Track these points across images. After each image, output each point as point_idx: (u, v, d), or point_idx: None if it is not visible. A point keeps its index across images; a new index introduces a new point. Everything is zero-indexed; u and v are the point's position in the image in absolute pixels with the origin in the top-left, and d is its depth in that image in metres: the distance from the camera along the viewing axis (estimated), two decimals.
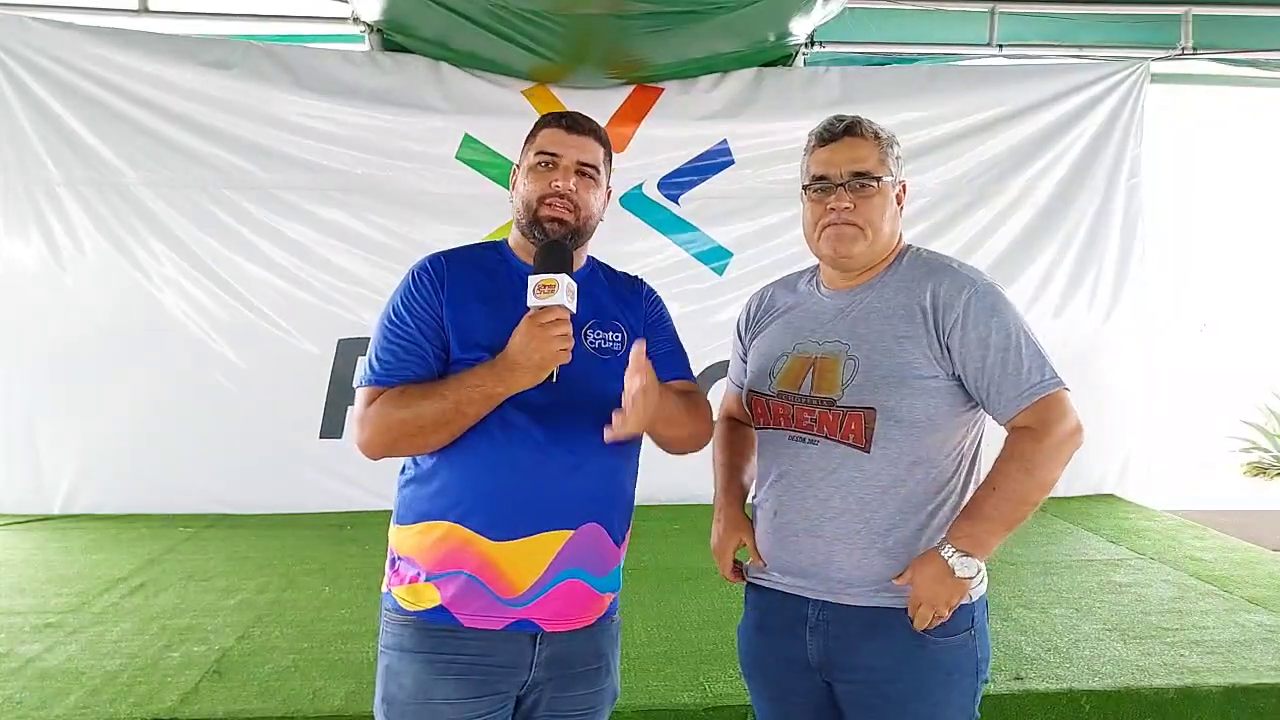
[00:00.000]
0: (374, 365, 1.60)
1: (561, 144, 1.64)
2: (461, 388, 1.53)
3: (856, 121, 1.68)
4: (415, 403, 1.54)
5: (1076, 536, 4.52)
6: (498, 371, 1.52)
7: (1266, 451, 7.94)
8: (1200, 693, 2.71)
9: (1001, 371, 1.57)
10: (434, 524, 1.58)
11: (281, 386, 4.95)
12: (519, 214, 1.66)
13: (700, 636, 3.13)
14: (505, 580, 1.56)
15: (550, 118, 1.70)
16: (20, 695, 2.68)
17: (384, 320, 1.64)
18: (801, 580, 1.65)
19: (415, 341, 1.59)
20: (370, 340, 1.65)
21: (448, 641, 1.56)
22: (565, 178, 1.62)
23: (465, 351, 1.57)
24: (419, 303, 1.61)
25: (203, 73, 4.81)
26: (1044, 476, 1.57)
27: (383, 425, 1.56)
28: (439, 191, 5.02)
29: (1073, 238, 5.40)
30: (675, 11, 4.24)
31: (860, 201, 1.64)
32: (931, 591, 1.54)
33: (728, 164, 5.20)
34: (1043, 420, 1.56)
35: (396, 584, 1.62)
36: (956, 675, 1.60)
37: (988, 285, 1.63)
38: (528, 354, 1.49)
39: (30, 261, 4.83)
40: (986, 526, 1.56)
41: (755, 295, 1.88)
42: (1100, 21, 5.35)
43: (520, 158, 1.71)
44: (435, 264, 1.66)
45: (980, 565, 1.58)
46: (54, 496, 4.88)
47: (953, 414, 1.61)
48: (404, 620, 1.60)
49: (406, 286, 1.64)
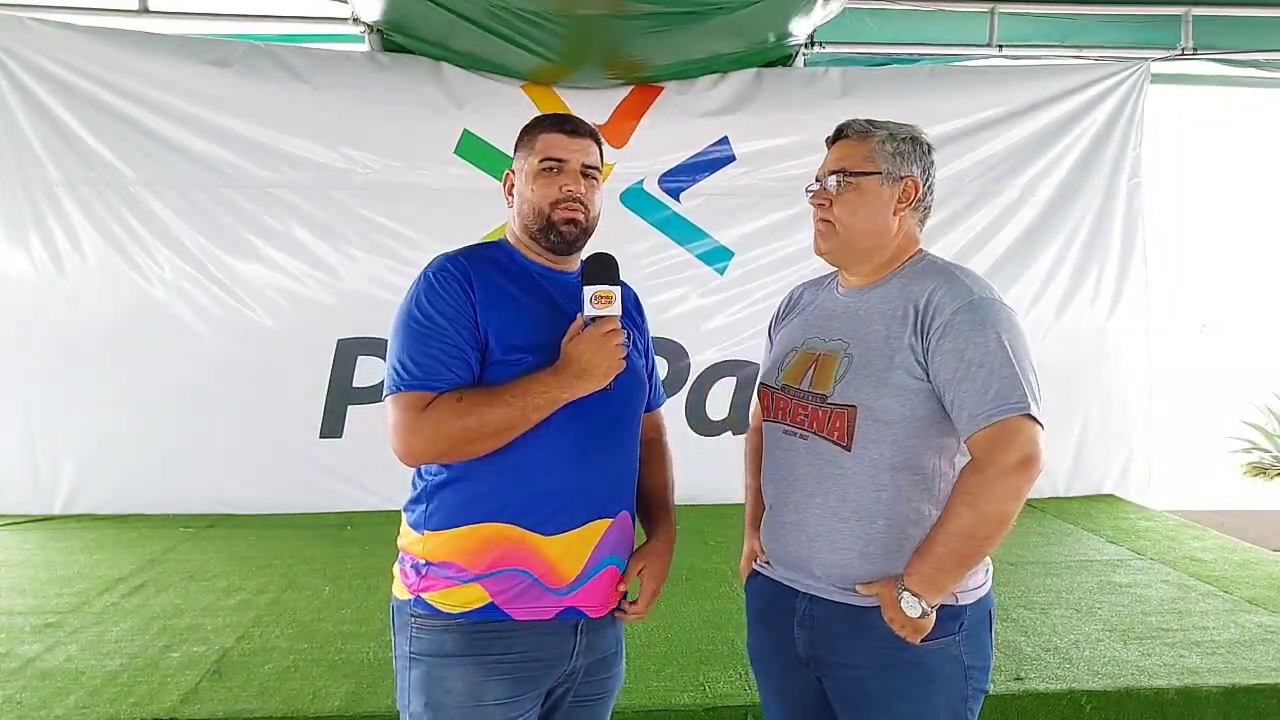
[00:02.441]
0: (410, 370, 1.56)
1: (565, 149, 1.66)
2: (527, 395, 1.54)
3: (850, 123, 1.71)
4: (477, 409, 1.53)
5: (1077, 537, 4.52)
6: (564, 379, 1.55)
7: (1266, 452, 7.94)
8: (1200, 693, 2.71)
9: (968, 387, 1.51)
10: (478, 527, 1.57)
11: (281, 386, 4.95)
12: (528, 219, 1.67)
13: (700, 637, 3.14)
14: (555, 571, 1.59)
15: (547, 122, 1.71)
16: (20, 695, 2.68)
17: (410, 323, 1.58)
18: (791, 572, 1.69)
19: (455, 344, 1.56)
20: (393, 344, 1.60)
21: (495, 640, 1.57)
22: (575, 182, 1.66)
23: (505, 354, 1.58)
24: (451, 304, 1.58)
25: (203, 73, 4.80)
26: (988, 509, 1.48)
27: (441, 432, 1.53)
28: (438, 188, 5.01)
29: (1073, 238, 5.40)
30: (675, 12, 4.24)
31: (835, 198, 1.67)
32: (890, 615, 1.54)
33: (729, 160, 5.19)
34: (990, 447, 1.49)
35: (428, 589, 1.59)
36: (941, 679, 1.57)
37: (986, 300, 1.57)
38: (595, 363, 1.56)
39: (29, 261, 4.83)
40: (936, 564, 1.51)
41: (788, 294, 1.92)
42: (1100, 22, 5.35)
43: (517, 161, 1.71)
44: (457, 265, 1.63)
45: (927, 609, 1.51)
46: (54, 496, 4.88)
47: (933, 420, 1.57)
48: (445, 624, 1.58)
49: (431, 288, 1.60)
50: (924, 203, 1.70)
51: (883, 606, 1.55)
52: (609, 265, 1.62)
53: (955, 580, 1.53)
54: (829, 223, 1.68)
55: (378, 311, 4.96)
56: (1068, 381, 5.15)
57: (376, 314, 4.97)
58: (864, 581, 1.58)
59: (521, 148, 1.71)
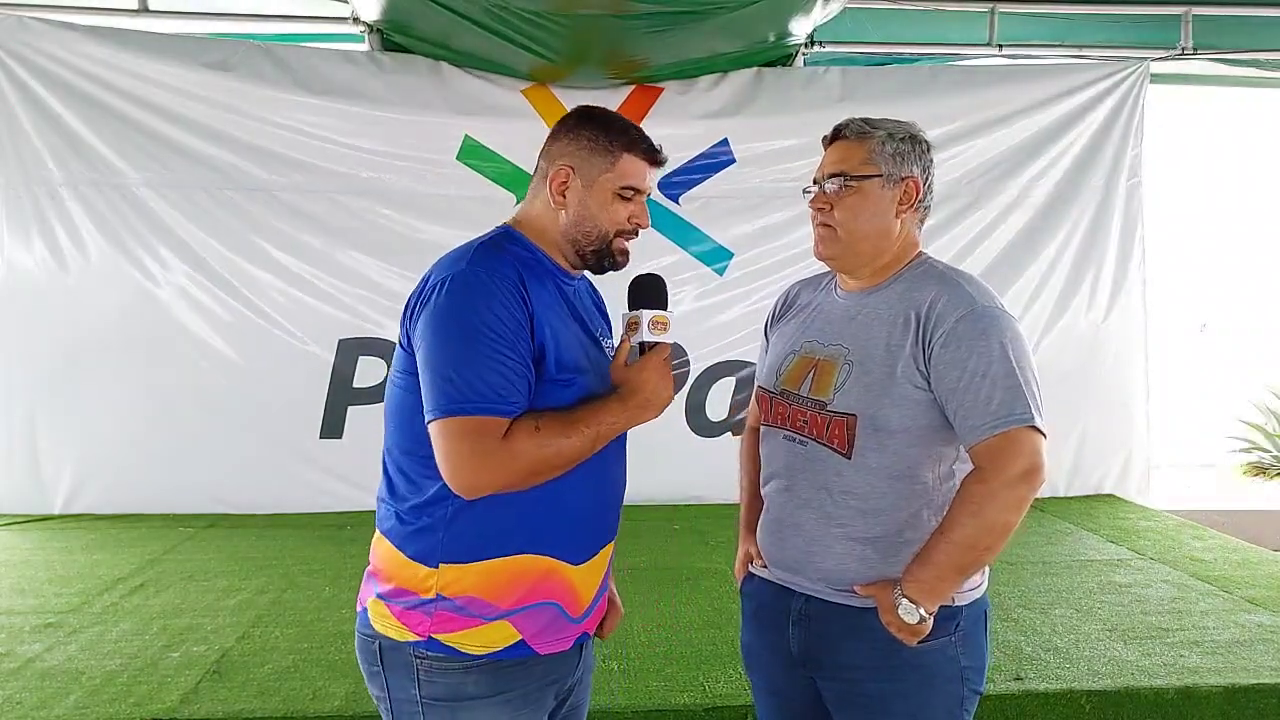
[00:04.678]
0: (479, 389, 1.36)
1: (645, 178, 1.55)
2: (599, 424, 1.44)
3: (846, 123, 1.67)
4: (555, 440, 1.39)
5: (1076, 537, 4.52)
6: (631, 409, 1.47)
7: (1266, 452, 7.93)
8: (1200, 693, 2.71)
9: (971, 398, 1.49)
10: (512, 559, 1.45)
11: (282, 387, 4.95)
12: (585, 235, 1.53)
13: (700, 637, 3.13)
14: (579, 600, 1.53)
15: (639, 144, 1.54)
16: (20, 695, 2.68)
17: (472, 332, 1.37)
18: (787, 574, 1.68)
19: (523, 360, 1.40)
20: (445, 354, 1.38)
21: (518, 675, 1.48)
22: (644, 216, 1.57)
23: (560, 373, 1.45)
24: (514, 313, 1.40)
25: (203, 73, 4.81)
26: (992, 520, 1.47)
27: (519, 465, 1.38)
28: (439, 194, 5.02)
29: (1072, 238, 5.40)
30: (675, 11, 4.24)
31: (835, 201, 1.63)
32: (887, 620, 1.54)
33: (729, 163, 5.19)
34: (994, 458, 1.47)
35: (444, 630, 1.44)
36: (939, 680, 1.57)
37: (989, 308, 1.54)
38: (660, 394, 1.49)
39: (31, 261, 4.83)
40: (936, 573, 1.49)
41: (783, 292, 1.88)
42: (1100, 21, 5.35)
43: (581, 163, 1.52)
44: (508, 268, 1.44)
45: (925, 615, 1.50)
46: (54, 496, 4.88)
47: (934, 429, 1.55)
48: (464, 666, 1.44)
49: (489, 292, 1.40)
50: (924, 203, 1.67)
51: (880, 610, 1.54)
52: (661, 288, 1.55)
53: (954, 588, 1.53)
54: (830, 228, 1.64)
55: (378, 312, 4.97)
56: (1067, 381, 5.16)
57: (377, 314, 4.98)
58: (861, 584, 1.57)
59: (592, 151, 1.53)
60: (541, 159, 1.58)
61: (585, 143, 1.53)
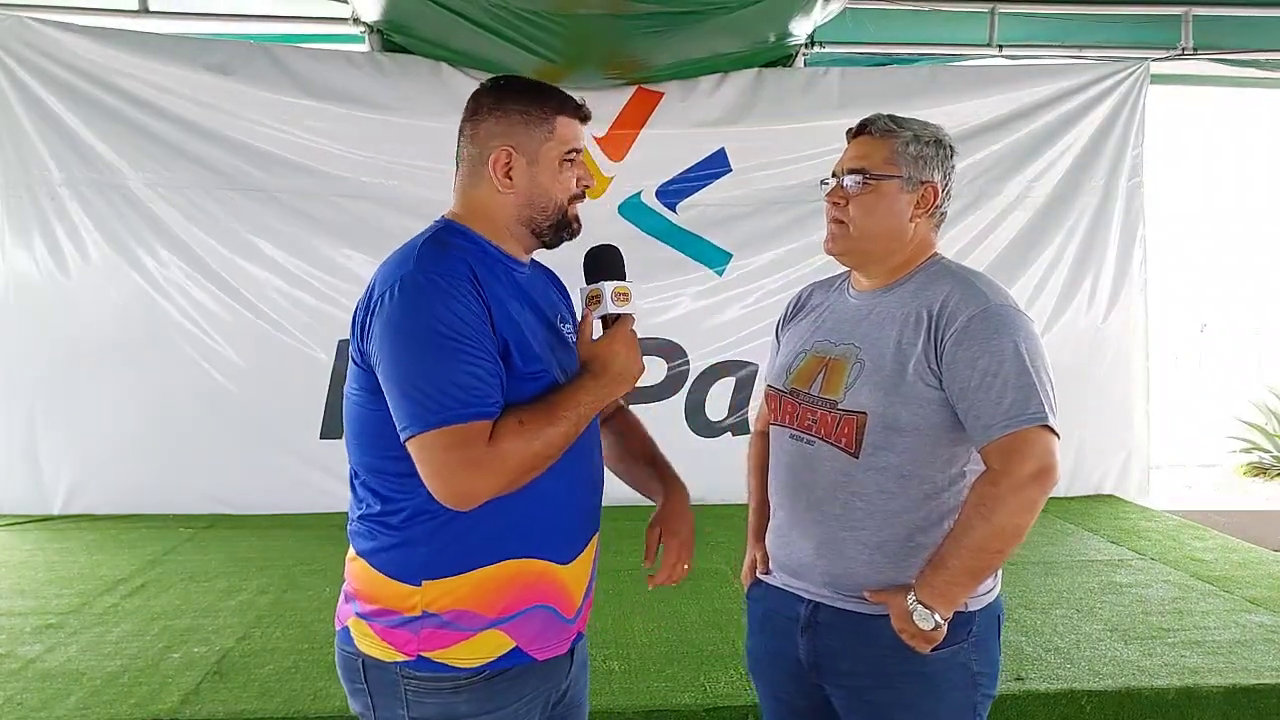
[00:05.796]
0: (455, 395, 1.29)
1: (580, 137, 1.50)
2: (578, 405, 1.38)
3: (874, 119, 1.64)
4: (541, 431, 1.34)
5: (1077, 537, 4.52)
6: (604, 385, 1.42)
7: (1266, 452, 7.93)
8: (1201, 693, 2.71)
9: (982, 397, 1.47)
10: (501, 566, 1.39)
11: (282, 387, 4.95)
12: (542, 210, 1.47)
13: (700, 637, 3.13)
14: (569, 600, 1.48)
15: (568, 104, 1.50)
16: (21, 696, 2.68)
17: (435, 338, 1.30)
18: (795, 579, 1.65)
19: (492, 358, 1.34)
20: (411, 368, 1.31)
21: (511, 689, 1.42)
22: (589, 175, 1.53)
23: (527, 365, 1.39)
24: (473, 312, 1.33)
25: (203, 74, 4.81)
26: (1004, 522, 1.45)
27: (510, 465, 1.32)
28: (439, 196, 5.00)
29: (1072, 238, 5.40)
30: (675, 12, 4.24)
31: (852, 198, 1.61)
32: (900, 627, 1.51)
33: (724, 173, 5.20)
34: (1005, 459, 1.45)
35: (433, 646, 1.39)
36: (946, 688, 1.54)
37: (1002, 307, 1.52)
38: (631, 365, 1.44)
39: (31, 261, 4.83)
40: (949, 577, 1.47)
41: (795, 293, 1.86)
42: (1100, 22, 5.35)
43: (521, 139, 1.45)
44: (458, 264, 1.37)
45: (940, 621, 1.48)
46: (54, 497, 4.88)
47: (945, 429, 1.53)
48: (455, 683, 1.39)
49: (444, 293, 1.32)
50: (941, 209, 1.65)
51: (893, 617, 1.51)
52: (618, 258, 1.51)
53: (967, 593, 1.52)
54: (843, 224, 1.62)
55: None
56: (1067, 381, 5.12)
57: None
58: (871, 589, 1.55)
59: (526, 124, 1.45)
60: (467, 145, 1.50)
61: (517, 118, 1.46)
